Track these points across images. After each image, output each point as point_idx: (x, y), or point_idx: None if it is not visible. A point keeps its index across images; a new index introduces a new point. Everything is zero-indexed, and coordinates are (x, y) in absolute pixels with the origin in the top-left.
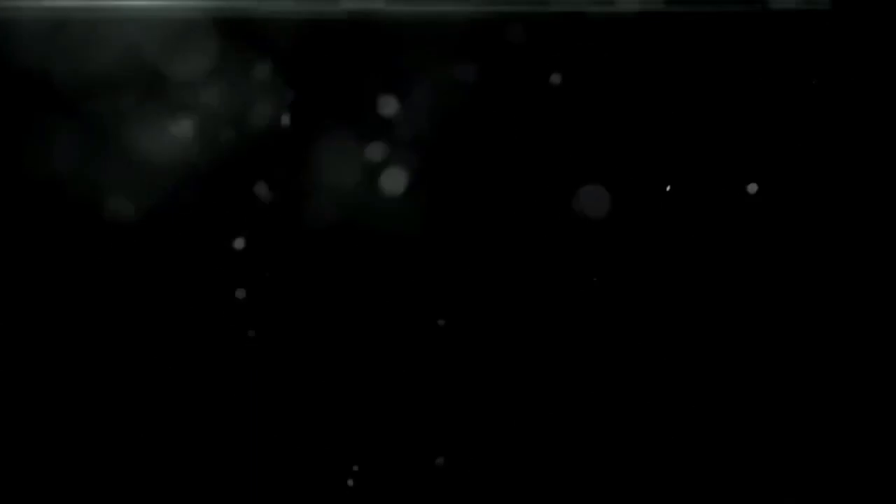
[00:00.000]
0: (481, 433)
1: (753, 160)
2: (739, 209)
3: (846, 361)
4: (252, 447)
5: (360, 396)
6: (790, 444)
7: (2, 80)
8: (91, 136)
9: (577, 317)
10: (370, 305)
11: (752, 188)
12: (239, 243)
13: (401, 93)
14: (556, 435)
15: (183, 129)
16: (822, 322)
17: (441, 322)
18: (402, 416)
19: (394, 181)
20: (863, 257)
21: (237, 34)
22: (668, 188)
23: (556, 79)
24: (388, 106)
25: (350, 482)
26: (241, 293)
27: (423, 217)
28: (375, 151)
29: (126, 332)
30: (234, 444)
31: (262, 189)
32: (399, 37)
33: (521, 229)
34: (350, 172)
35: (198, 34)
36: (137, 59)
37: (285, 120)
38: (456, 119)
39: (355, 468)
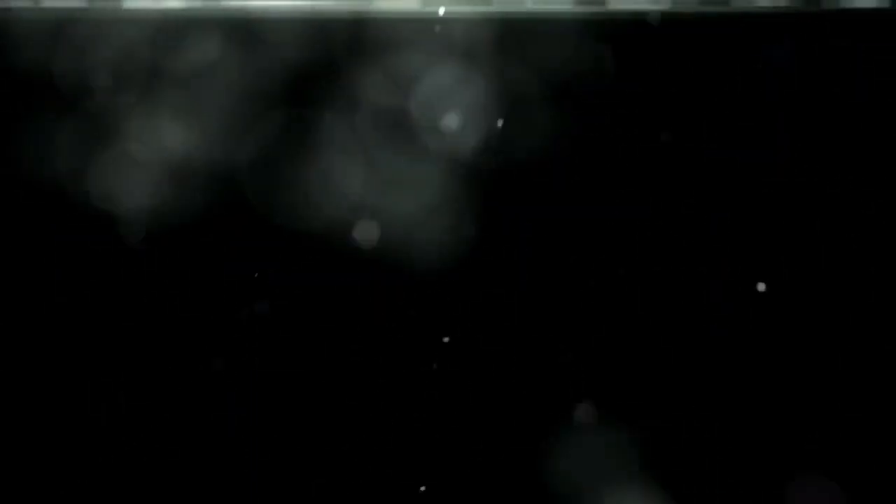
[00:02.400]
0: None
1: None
2: (713, 218)
3: (845, 359)
4: (249, 450)
5: (360, 401)
6: (793, 444)
7: (2, 81)
8: (90, 137)
9: (578, 320)
10: (370, 308)
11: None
12: (239, 244)
13: (402, 93)
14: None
15: (183, 129)
16: (823, 321)
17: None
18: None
19: (395, 183)
20: (863, 256)
21: (237, 34)
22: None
23: (558, 82)
24: (391, 106)
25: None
26: (240, 293)
27: (425, 218)
28: (377, 151)
29: (125, 333)
30: (232, 446)
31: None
32: (399, 37)
33: (520, 229)
34: (351, 173)
35: (198, 34)
36: (137, 60)
37: (289, 121)
38: (457, 119)
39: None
